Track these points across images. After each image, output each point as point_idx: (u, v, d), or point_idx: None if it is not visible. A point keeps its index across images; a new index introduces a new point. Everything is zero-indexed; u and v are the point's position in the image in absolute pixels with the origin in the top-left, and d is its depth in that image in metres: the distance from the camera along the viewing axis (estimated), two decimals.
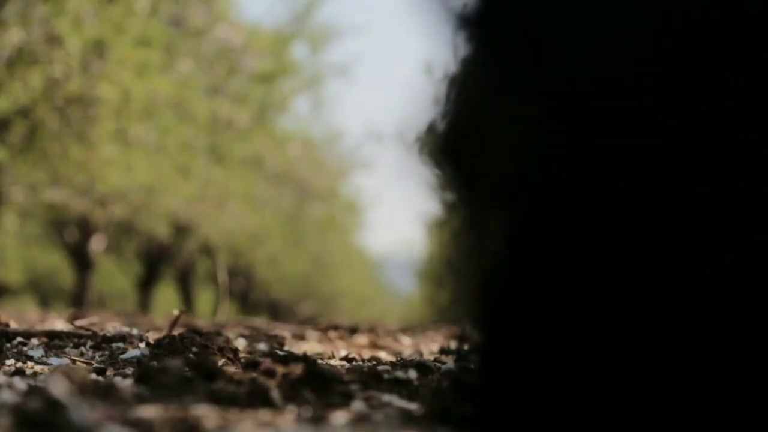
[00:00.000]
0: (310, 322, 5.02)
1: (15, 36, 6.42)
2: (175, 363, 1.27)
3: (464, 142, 1.15)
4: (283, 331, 3.22)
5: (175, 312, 2.17)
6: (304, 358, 1.95)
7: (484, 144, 1.11)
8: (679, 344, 1.00)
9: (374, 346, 2.95)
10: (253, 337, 2.66)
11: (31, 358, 1.85)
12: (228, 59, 11.42)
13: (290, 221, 17.36)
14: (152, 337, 2.15)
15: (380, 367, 1.80)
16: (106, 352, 1.96)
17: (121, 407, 1.07)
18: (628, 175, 1.01)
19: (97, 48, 6.86)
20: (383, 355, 2.61)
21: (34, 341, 2.08)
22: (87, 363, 1.81)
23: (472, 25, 1.10)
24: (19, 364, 1.73)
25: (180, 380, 1.23)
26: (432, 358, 2.30)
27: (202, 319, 4.55)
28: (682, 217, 1.00)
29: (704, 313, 0.99)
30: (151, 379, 1.23)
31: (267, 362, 1.82)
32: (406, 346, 2.99)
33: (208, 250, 17.05)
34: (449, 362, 1.95)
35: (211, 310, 16.04)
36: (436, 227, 4.79)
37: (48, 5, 6.42)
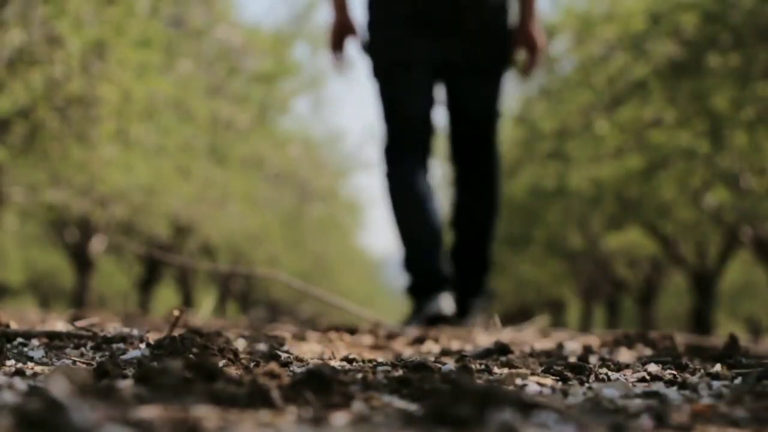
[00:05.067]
0: (310, 322, 5.02)
1: (15, 37, 6.42)
2: (175, 364, 1.27)
3: None
4: (283, 331, 3.22)
5: (175, 312, 2.17)
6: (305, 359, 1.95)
7: None
8: None
9: (374, 346, 2.95)
10: (253, 338, 2.66)
11: (31, 359, 1.85)
12: (228, 60, 11.42)
13: (290, 221, 17.37)
14: (152, 337, 2.15)
15: (380, 368, 1.80)
16: (107, 353, 1.96)
17: (121, 408, 1.07)
18: None
19: (98, 49, 6.87)
20: (383, 356, 2.61)
21: (35, 342, 2.08)
22: (87, 364, 1.81)
23: None
24: (20, 365, 1.73)
25: (180, 381, 1.23)
26: (432, 358, 2.30)
27: (202, 319, 4.55)
28: None
29: None
30: (152, 379, 1.23)
31: (267, 363, 1.82)
32: (407, 346, 2.99)
33: (208, 251, 17.05)
34: (450, 363, 1.95)
35: (211, 310, 16.03)
36: None
37: (48, 6, 6.42)
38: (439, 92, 3.76)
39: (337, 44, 3.90)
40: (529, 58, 3.82)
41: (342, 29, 3.85)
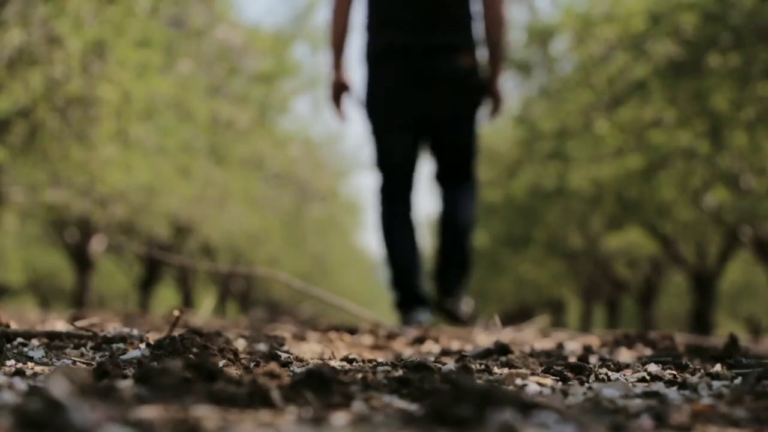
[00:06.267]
0: (310, 322, 5.03)
1: (15, 37, 6.42)
2: (175, 364, 1.27)
3: None
4: (284, 331, 3.22)
5: (175, 312, 2.16)
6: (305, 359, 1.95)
7: None
8: None
9: (374, 346, 2.95)
10: (253, 338, 2.66)
11: (31, 359, 1.85)
12: (228, 60, 11.42)
13: (290, 221, 17.36)
14: (152, 337, 2.15)
15: (380, 368, 1.80)
16: (107, 353, 1.96)
17: (121, 408, 1.07)
18: None
19: (98, 49, 6.87)
20: (383, 356, 2.61)
21: (35, 342, 2.08)
22: (87, 364, 1.81)
23: None
24: (20, 365, 1.73)
25: (180, 381, 1.23)
26: (432, 358, 2.30)
27: (202, 319, 4.55)
28: None
29: None
30: (152, 379, 1.23)
31: (267, 363, 1.82)
32: (407, 346, 2.99)
33: (208, 251, 17.05)
34: (450, 363, 1.95)
35: (211, 310, 15.99)
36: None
37: (48, 6, 6.42)
38: (424, 139, 4.63)
39: (335, 100, 4.69)
40: (493, 108, 4.68)
41: (339, 88, 4.65)
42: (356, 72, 4.81)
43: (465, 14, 4.48)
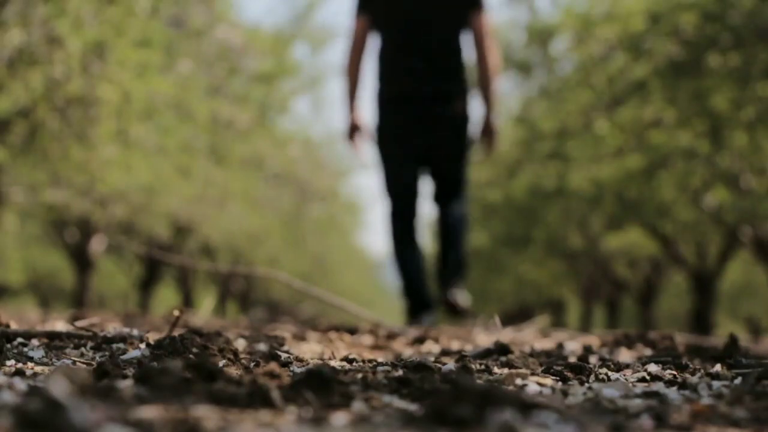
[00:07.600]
0: (310, 322, 5.03)
1: (15, 37, 6.42)
2: (175, 364, 1.27)
3: None
4: (284, 331, 3.22)
5: (175, 312, 2.16)
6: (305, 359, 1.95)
7: None
8: None
9: (374, 346, 2.95)
10: (253, 338, 2.66)
11: (31, 359, 1.85)
12: (228, 60, 11.41)
13: (290, 221, 17.35)
14: (152, 337, 2.15)
15: (380, 368, 1.80)
16: (107, 353, 1.96)
17: (121, 408, 1.07)
18: None
19: (98, 49, 6.86)
20: (383, 356, 2.61)
21: (35, 342, 2.08)
22: (87, 364, 1.81)
23: None
24: (20, 365, 1.73)
25: (180, 381, 1.23)
26: (432, 358, 2.30)
27: (202, 319, 4.55)
28: None
29: None
30: (152, 379, 1.23)
31: (267, 363, 1.82)
32: (407, 346, 2.99)
33: (208, 251, 17.04)
34: (450, 363, 1.95)
35: (211, 310, 15.97)
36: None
37: (48, 6, 6.42)
38: (424, 170, 5.31)
39: (351, 139, 5.34)
40: (487, 143, 5.29)
41: (354, 128, 5.30)
42: (369, 113, 5.56)
43: (458, 65, 5.19)
